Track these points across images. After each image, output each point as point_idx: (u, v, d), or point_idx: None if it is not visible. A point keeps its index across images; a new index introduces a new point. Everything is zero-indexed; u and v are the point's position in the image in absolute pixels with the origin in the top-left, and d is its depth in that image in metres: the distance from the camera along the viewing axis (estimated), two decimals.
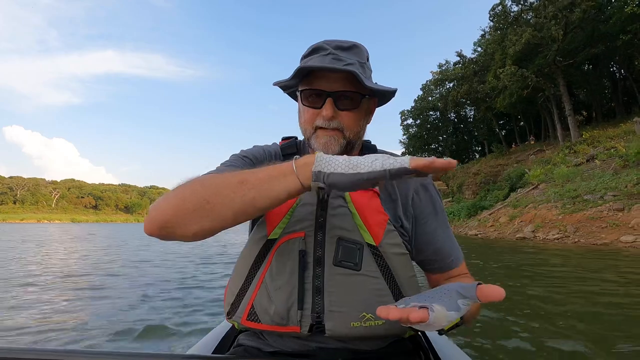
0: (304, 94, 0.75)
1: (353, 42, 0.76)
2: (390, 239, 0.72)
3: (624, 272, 5.29)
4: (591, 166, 15.04)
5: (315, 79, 0.73)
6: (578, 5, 22.38)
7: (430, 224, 0.79)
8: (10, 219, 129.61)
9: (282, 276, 0.69)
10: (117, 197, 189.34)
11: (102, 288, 4.92)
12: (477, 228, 16.99)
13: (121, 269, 6.90)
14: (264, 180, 0.57)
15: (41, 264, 7.50)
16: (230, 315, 0.74)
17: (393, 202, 0.77)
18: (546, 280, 4.81)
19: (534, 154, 27.02)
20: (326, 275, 0.68)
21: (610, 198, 10.40)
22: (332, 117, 0.72)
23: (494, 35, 28.96)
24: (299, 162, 0.57)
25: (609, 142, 16.76)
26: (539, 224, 11.99)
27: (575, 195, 11.97)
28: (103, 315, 3.53)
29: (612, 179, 11.81)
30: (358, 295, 0.67)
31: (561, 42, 23.64)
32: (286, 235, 0.72)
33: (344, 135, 0.74)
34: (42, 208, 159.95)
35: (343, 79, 0.72)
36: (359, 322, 0.66)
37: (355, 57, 0.74)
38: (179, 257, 8.61)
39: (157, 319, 3.38)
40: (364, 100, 0.75)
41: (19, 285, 5.10)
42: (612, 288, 4.23)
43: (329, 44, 0.74)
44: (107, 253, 10.31)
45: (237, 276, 0.75)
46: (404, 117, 47.09)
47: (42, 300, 4.16)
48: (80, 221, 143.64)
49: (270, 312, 0.68)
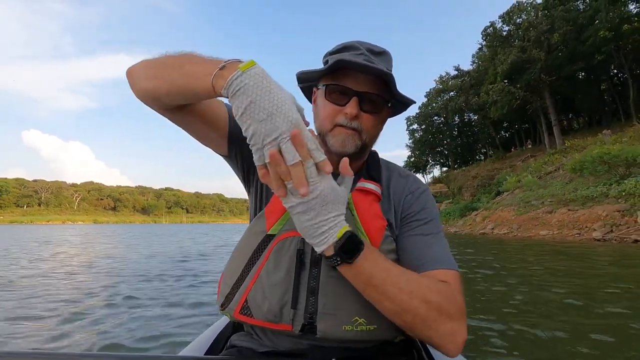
0: (328, 89, 0.74)
1: (384, 48, 0.78)
2: (387, 245, 0.72)
3: (526, 253, 8.60)
4: (555, 175, 18.19)
5: (343, 76, 0.72)
6: (557, 30, 25.37)
7: (410, 227, 0.76)
8: (37, 221, 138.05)
9: (278, 273, 0.69)
10: (134, 198, 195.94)
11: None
12: (461, 226, 20.43)
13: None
14: (191, 74, 0.59)
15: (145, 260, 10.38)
16: (223, 307, 0.73)
17: (389, 208, 0.77)
18: (481, 263, 8.13)
19: (522, 160, 29.86)
20: (322, 277, 0.68)
21: (548, 203, 13.61)
22: (355, 117, 0.71)
23: (485, 54, 32.02)
24: (225, 70, 0.54)
25: (590, 150, 19.74)
26: (498, 223, 15.41)
27: (528, 201, 15.20)
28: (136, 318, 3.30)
29: (559, 187, 14.96)
30: (351, 300, 0.66)
31: (544, 61, 26.63)
32: (285, 232, 0.72)
33: (361, 137, 0.74)
34: (65, 210, 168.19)
35: (371, 81, 0.72)
36: (351, 326, 0.66)
37: (384, 64, 0.75)
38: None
39: (152, 319, 3.29)
40: (386, 106, 0.76)
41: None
42: (515, 261, 7.54)
43: (361, 45, 0.76)
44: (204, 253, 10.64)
45: (233, 268, 0.75)
46: (410, 123, 49.76)
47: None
48: (102, 222, 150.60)
49: (263, 308, 0.68)
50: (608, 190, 11.47)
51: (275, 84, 0.52)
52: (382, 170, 0.83)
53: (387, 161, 0.88)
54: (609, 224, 9.72)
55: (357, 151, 0.74)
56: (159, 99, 0.67)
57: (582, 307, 3.41)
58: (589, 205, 11.35)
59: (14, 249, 11.66)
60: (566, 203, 12.53)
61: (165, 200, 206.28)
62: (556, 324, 2.88)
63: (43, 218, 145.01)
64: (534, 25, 26.15)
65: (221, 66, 0.54)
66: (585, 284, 4.49)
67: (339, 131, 0.73)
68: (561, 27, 25.16)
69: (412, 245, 0.73)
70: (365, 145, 0.76)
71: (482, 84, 32.90)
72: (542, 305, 3.49)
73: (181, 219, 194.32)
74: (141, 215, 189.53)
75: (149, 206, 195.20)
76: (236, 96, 0.51)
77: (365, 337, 0.67)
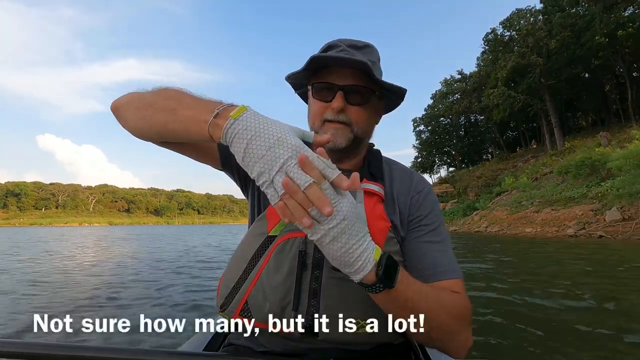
0: (315, 87, 0.77)
1: (366, 42, 0.80)
2: (389, 247, 0.72)
3: (510, 248, 10.02)
4: (549, 177, 19.38)
5: (327, 73, 0.75)
6: (554, 37, 26.38)
7: (419, 232, 0.76)
8: (55, 223, 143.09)
9: (279, 275, 0.69)
10: (147, 200, 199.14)
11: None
12: (461, 225, 21.83)
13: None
14: (185, 121, 0.59)
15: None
16: (223, 309, 0.72)
17: (393, 209, 0.77)
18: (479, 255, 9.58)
19: (524, 161, 30.74)
20: (324, 278, 0.68)
21: (536, 204, 14.93)
22: (341, 110, 0.73)
23: (487, 60, 33.05)
24: (219, 118, 0.54)
25: (574, 155, 20.83)
26: (492, 222, 16.82)
27: (520, 201, 16.51)
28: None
29: (550, 189, 16.21)
30: (353, 302, 0.66)
31: (543, 66, 27.62)
32: (287, 233, 0.72)
33: (351, 129, 0.75)
34: (81, 212, 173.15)
35: (354, 74, 0.74)
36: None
37: (367, 57, 0.75)
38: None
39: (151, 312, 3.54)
40: (373, 97, 0.77)
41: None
42: (496, 253, 9.00)
43: (342, 42, 0.78)
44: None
45: (233, 270, 0.74)
46: (416, 124, 50.21)
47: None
48: (117, 224, 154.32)
49: (264, 310, 0.68)
50: (588, 191, 12.76)
51: (271, 121, 0.52)
52: (385, 168, 0.83)
53: (389, 159, 0.88)
54: (583, 222, 11.05)
55: (349, 144, 0.75)
56: (150, 139, 0.71)
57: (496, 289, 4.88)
58: (570, 205, 12.68)
59: (61, 249, 13.45)
60: (551, 203, 13.85)
61: (177, 202, 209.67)
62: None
63: (61, 220, 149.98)
64: (532, 33, 27.17)
65: (215, 114, 0.54)
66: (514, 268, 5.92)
67: (328, 126, 0.75)
68: (559, 34, 26.15)
69: (422, 254, 0.73)
70: (359, 138, 0.77)
71: (485, 87, 33.85)
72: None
73: (193, 220, 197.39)
74: (154, 216, 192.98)
75: (161, 208, 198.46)
76: (233, 143, 0.51)
77: (366, 339, 0.68)
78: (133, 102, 0.69)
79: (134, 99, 0.69)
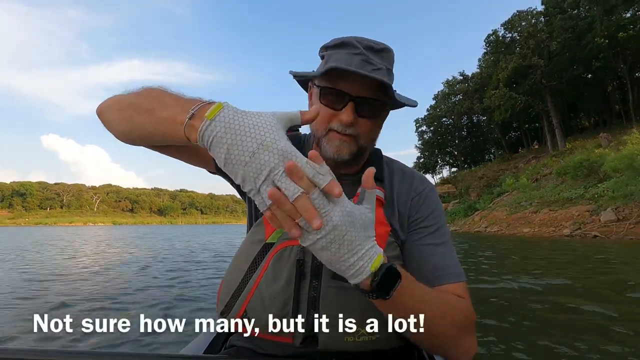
0: (323, 92, 0.70)
1: (385, 44, 0.72)
2: (390, 252, 0.71)
3: (505, 246, 10.36)
4: (550, 177, 19.66)
5: (339, 78, 0.68)
6: (555, 38, 26.63)
7: (420, 234, 0.74)
8: (60, 222, 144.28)
9: (277, 284, 0.68)
10: (150, 200, 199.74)
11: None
12: (461, 225, 22.14)
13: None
14: (163, 122, 0.56)
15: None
16: (223, 315, 0.72)
17: (393, 212, 0.75)
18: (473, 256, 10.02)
19: (525, 162, 30.96)
20: (323, 287, 0.67)
21: (535, 204, 15.23)
22: (350, 124, 0.68)
23: (488, 61, 33.32)
24: (194, 119, 0.50)
25: (573, 157, 21.10)
26: (492, 222, 17.16)
27: (519, 202, 16.81)
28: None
29: (550, 190, 16.51)
30: (354, 311, 0.64)
31: (545, 67, 27.87)
32: (285, 241, 0.70)
33: (357, 142, 0.71)
34: (85, 212, 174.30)
35: (369, 84, 0.67)
36: (353, 337, 0.65)
37: (385, 62, 0.71)
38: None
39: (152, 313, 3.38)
40: (384, 109, 0.73)
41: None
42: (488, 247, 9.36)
43: (359, 42, 0.70)
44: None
45: (233, 276, 0.73)
46: (419, 125, 50.56)
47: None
48: (121, 224, 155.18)
49: (263, 319, 0.67)
50: (585, 192, 13.07)
51: (252, 117, 0.46)
52: (385, 170, 0.81)
53: (389, 158, 0.86)
54: (578, 222, 11.36)
55: (352, 158, 0.72)
56: (133, 142, 0.67)
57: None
58: (567, 206, 12.98)
59: (81, 247, 13.97)
60: (550, 204, 14.16)
61: (180, 202, 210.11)
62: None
63: (65, 220, 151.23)
64: (533, 35, 27.43)
65: (189, 115, 0.50)
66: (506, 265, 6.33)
67: (333, 136, 0.70)
68: (560, 35, 26.40)
69: (424, 256, 0.72)
70: (362, 149, 0.73)
71: (486, 88, 34.08)
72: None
73: (196, 220, 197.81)
74: (157, 216, 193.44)
75: (164, 207, 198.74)
76: (212, 148, 0.46)
77: (367, 347, 0.67)
78: (115, 104, 0.67)
79: (116, 101, 0.67)
